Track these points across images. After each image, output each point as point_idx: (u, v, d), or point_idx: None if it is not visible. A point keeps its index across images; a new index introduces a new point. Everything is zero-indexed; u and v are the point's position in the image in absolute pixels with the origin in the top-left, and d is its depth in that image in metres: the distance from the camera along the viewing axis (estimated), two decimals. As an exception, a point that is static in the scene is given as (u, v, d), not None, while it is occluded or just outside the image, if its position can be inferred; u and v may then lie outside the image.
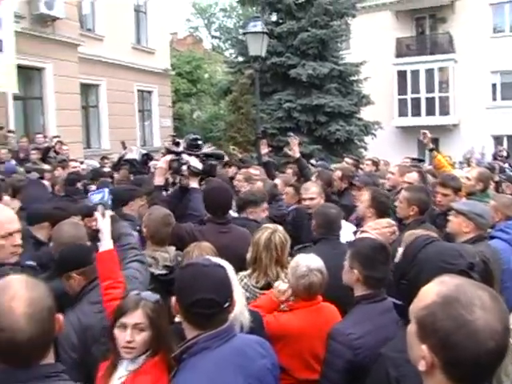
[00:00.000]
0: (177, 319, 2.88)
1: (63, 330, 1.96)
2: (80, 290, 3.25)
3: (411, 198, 4.68)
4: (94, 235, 3.42)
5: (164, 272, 3.82)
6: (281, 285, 3.47)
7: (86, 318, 3.11)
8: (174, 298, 2.34)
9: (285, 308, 3.50)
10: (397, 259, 2.62)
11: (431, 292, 1.56)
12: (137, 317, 2.55)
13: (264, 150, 7.79)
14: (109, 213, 3.39)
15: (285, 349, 3.19)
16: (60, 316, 1.79)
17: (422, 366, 1.54)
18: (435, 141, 17.07)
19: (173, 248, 4.00)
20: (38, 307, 1.66)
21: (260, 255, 3.70)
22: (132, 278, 3.37)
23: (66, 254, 3.34)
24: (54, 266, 3.44)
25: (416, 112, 28.61)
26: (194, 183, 4.86)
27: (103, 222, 3.29)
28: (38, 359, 1.70)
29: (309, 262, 3.31)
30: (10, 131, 13.15)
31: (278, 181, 7.02)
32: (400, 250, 2.64)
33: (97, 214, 3.32)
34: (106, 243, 3.22)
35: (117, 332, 2.58)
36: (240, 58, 22.66)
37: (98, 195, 3.49)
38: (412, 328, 1.61)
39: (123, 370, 2.53)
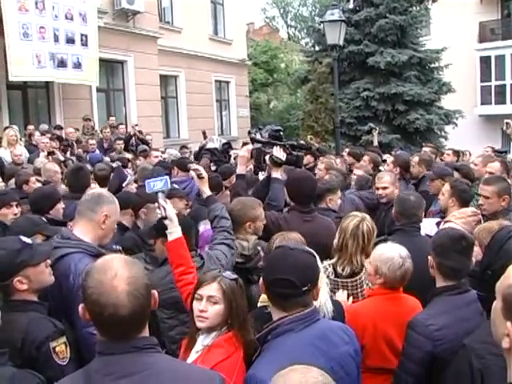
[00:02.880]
0: (259, 304, 2.97)
1: None
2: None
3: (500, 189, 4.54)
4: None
5: (241, 260, 3.87)
6: (340, 296, 3.50)
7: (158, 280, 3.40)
8: (261, 278, 2.46)
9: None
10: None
11: None
12: (212, 289, 2.63)
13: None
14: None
15: (357, 335, 3.19)
16: (155, 292, 1.91)
17: (505, 343, 1.53)
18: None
19: (254, 237, 4.02)
20: (136, 285, 1.78)
21: (346, 242, 3.70)
22: (215, 259, 3.51)
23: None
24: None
25: (500, 100, 27.43)
26: (275, 173, 4.83)
27: (170, 209, 3.24)
28: (136, 333, 1.82)
29: (398, 251, 3.26)
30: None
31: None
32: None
33: (162, 202, 3.24)
34: (175, 231, 3.22)
35: (194, 303, 2.68)
36: (317, 47, 22.54)
37: (160, 182, 3.30)
38: (498, 305, 1.61)
39: (199, 344, 2.62)
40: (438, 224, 4.68)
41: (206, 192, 4.04)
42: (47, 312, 2.76)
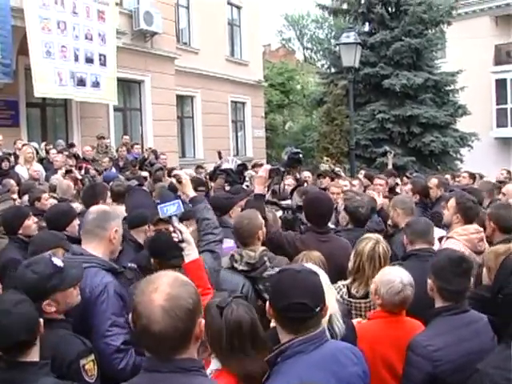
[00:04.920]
0: (272, 324, 2.97)
1: None
2: None
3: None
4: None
5: (245, 268, 3.88)
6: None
7: None
8: (268, 303, 2.41)
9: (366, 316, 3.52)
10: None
11: None
12: None
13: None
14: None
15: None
16: (202, 320, 1.89)
17: None
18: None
19: (261, 248, 4.01)
20: (175, 305, 1.78)
21: (363, 265, 3.70)
22: None
23: None
24: None
25: (516, 123, 27.28)
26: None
27: (185, 232, 3.26)
28: (177, 353, 1.82)
29: (401, 277, 3.24)
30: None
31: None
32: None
33: (179, 226, 3.25)
34: (191, 253, 3.23)
35: None
36: (332, 69, 22.66)
37: (172, 207, 3.33)
38: None
39: (213, 366, 2.56)
40: (440, 239, 4.65)
41: (190, 194, 4.02)
42: (72, 328, 2.79)
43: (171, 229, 3.28)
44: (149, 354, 1.84)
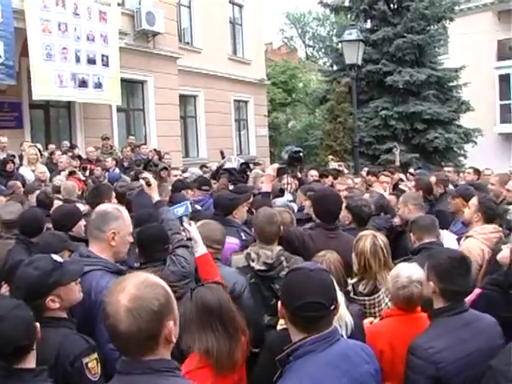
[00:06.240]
0: (279, 326, 2.97)
1: None
2: None
3: None
4: None
5: (263, 268, 3.94)
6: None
7: None
8: (279, 303, 2.40)
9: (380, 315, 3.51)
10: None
11: None
12: None
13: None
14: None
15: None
16: (169, 323, 1.87)
17: None
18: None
19: (278, 247, 4.08)
20: (138, 306, 1.79)
21: (369, 263, 3.70)
22: (178, 263, 3.61)
23: None
24: None
25: (520, 118, 27.21)
26: None
27: (194, 231, 3.63)
28: (142, 354, 1.83)
29: (410, 273, 3.25)
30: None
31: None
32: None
33: (186, 226, 3.65)
34: (200, 249, 3.58)
35: None
36: (335, 67, 22.63)
37: (181, 208, 3.77)
38: None
39: None
40: (458, 239, 4.66)
41: (155, 197, 4.33)
42: (76, 328, 2.79)
43: (181, 228, 3.61)
44: (123, 355, 1.87)
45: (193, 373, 2.65)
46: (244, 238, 5.03)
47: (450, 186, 7.43)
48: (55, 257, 2.84)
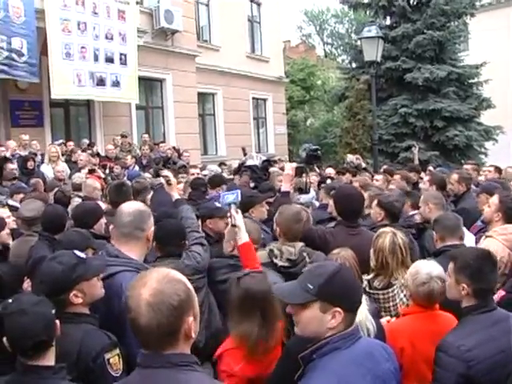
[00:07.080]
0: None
1: None
2: None
3: None
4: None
5: (286, 264, 3.98)
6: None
7: None
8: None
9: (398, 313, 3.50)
10: None
11: None
12: None
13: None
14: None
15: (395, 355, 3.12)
16: (189, 319, 1.88)
17: None
18: None
19: (300, 244, 4.12)
20: (159, 300, 1.81)
21: (386, 260, 3.73)
22: (192, 258, 3.79)
23: None
24: None
25: (543, 115, 26.76)
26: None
27: (239, 218, 3.71)
28: (162, 348, 1.85)
29: (430, 269, 3.23)
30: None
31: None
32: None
33: (233, 212, 3.71)
34: (243, 236, 3.66)
35: None
36: (354, 64, 22.51)
37: (232, 196, 3.82)
38: None
39: None
40: (477, 238, 4.63)
41: (175, 196, 4.48)
42: (98, 325, 2.80)
43: (228, 214, 3.78)
44: (143, 349, 1.89)
45: (228, 352, 2.97)
46: (262, 236, 5.03)
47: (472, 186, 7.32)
48: (78, 253, 2.86)
